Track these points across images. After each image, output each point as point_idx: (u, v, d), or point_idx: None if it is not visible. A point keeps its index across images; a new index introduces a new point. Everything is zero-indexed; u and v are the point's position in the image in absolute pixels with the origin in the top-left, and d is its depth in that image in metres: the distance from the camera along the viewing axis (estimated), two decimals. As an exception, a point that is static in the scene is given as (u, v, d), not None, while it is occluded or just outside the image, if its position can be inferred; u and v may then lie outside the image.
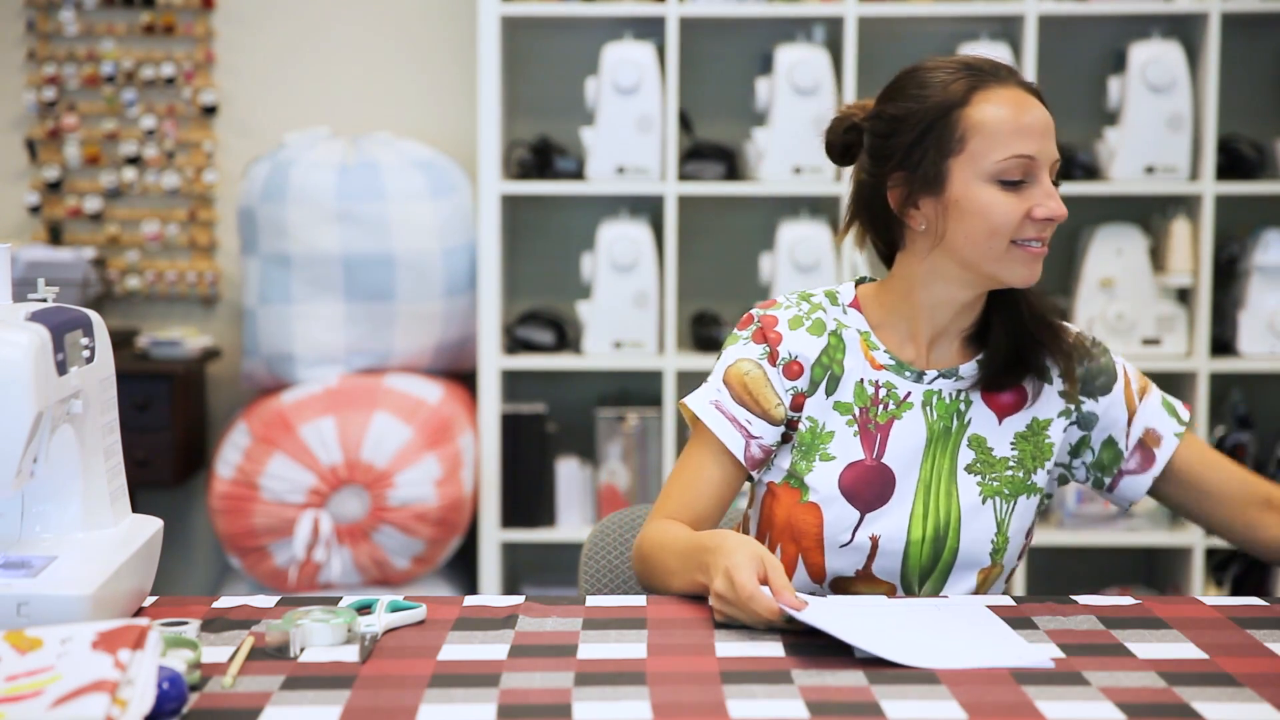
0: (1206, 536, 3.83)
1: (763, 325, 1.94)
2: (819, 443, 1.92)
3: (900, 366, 1.93)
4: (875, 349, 1.94)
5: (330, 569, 3.68)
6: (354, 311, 3.84)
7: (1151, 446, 2.00)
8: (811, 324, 1.94)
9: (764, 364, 1.92)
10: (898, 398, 1.93)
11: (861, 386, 1.93)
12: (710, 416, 1.92)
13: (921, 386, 1.93)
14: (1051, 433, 1.96)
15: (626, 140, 3.81)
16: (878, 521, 1.91)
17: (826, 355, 1.93)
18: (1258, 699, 1.46)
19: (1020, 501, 1.94)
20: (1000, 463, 1.94)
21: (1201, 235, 3.80)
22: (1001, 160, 1.83)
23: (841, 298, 1.98)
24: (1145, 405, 2.01)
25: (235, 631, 1.66)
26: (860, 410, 1.92)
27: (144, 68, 4.17)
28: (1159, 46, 3.78)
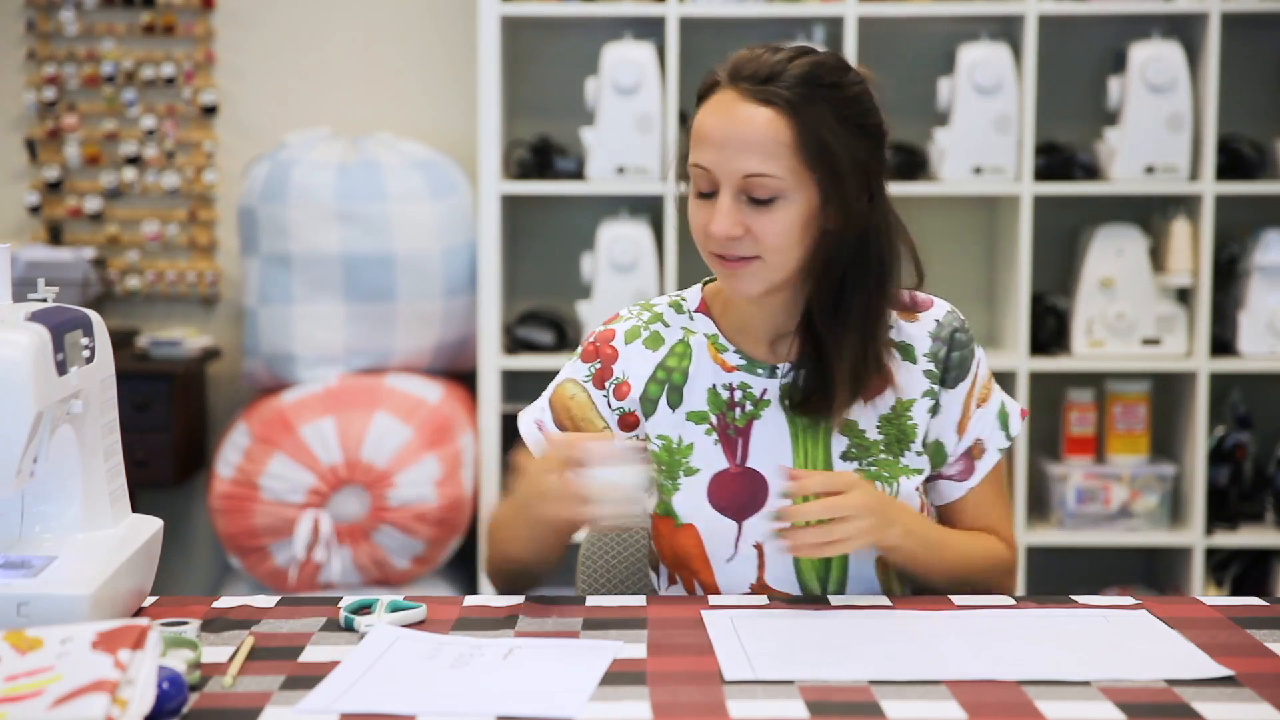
0: (1206, 536, 3.83)
1: (597, 341, 1.92)
2: (679, 458, 1.86)
3: (752, 365, 1.88)
4: (724, 351, 1.89)
5: (330, 569, 3.68)
6: (354, 311, 3.84)
7: (975, 458, 1.93)
8: (649, 336, 1.90)
9: (589, 386, 1.90)
10: (754, 397, 1.87)
11: (714, 392, 1.87)
12: (532, 438, 1.93)
13: (776, 381, 1.87)
14: (914, 413, 1.88)
15: (626, 140, 3.81)
16: (758, 527, 1.84)
17: (662, 370, 1.89)
18: (1258, 699, 1.46)
19: (901, 482, 1.86)
20: (874, 445, 1.86)
21: (1201, 235, 3.79)
22: (690, 165, 1.80)
23: (687, 304, 1.94)
24: (982, 412, 1.92)
25: (235, 631, 1.66)
26: (717, 417, 1.87)
27: (144, 68, 4.17)
28: (1159, 46, 3.78)
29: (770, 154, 1.76)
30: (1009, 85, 3.77)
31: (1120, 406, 3.91)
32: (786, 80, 1.77)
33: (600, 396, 1.90)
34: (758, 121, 1.76)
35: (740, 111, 1.76)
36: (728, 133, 1.76)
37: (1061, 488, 3.88)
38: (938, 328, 1.91)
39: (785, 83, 1.76)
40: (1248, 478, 3.92)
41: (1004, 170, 3.80)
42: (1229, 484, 3.90)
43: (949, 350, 1.90)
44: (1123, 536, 3.86)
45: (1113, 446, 3.91)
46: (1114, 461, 3.90)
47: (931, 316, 1.91)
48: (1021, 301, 3.81)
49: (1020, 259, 3.80)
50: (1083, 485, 3.87)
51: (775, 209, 1.77)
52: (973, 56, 3.79)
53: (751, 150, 1.76)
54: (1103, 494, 3.86)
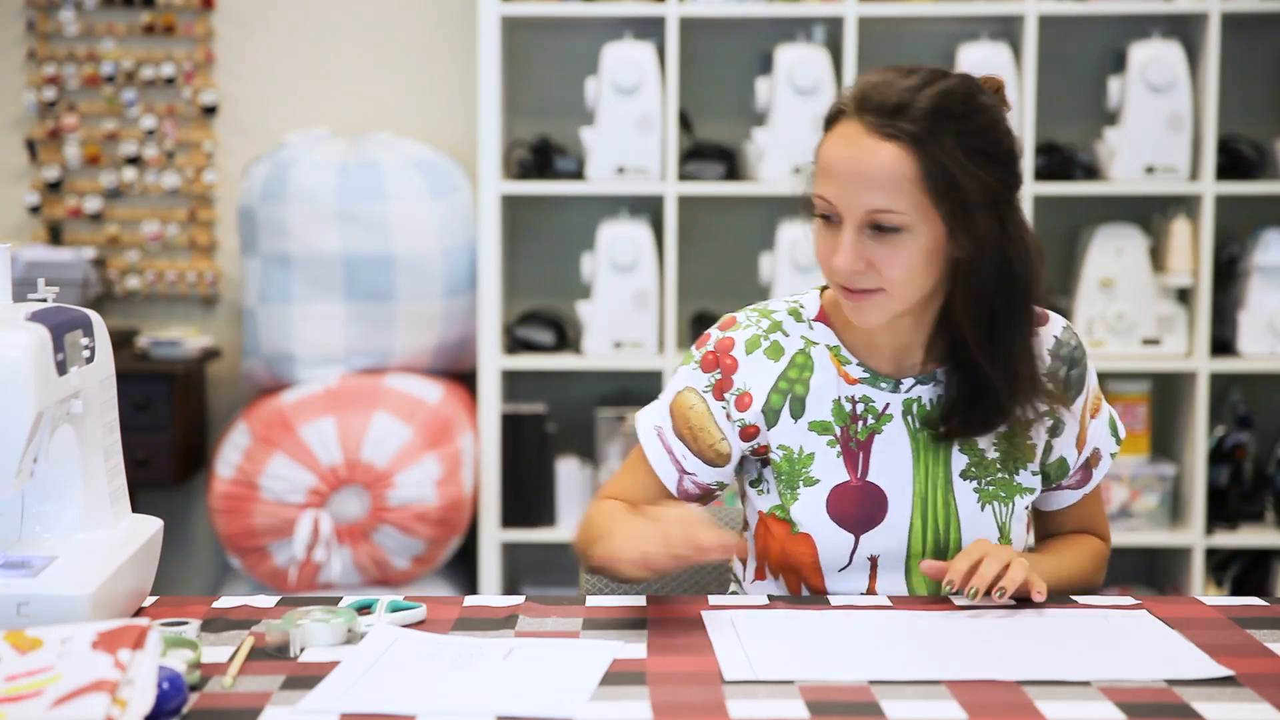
0: (1206, 536, 3.83)
1: (717, 350, 1.88)
2: (800, 468, 1.85)
3: (875, 378, 1.86)
4: (847, 363, 1.87)
5: (330, 569, 3.68)
6: (354, 311, 3.84)
7: (1092, 466, 1.96)
8: (769, 346, 1.87)
9: (708, 397, 1.86)
10: (876, 411, 1.85)
11: (839, 404, 1.86)
12: (650, 444, 1.89)
13: (900, 396, 1.86)
14: (1033, 434, 1.88)
15: (626, 140, 3.81)
16: (874, 540, 1.84)
17: (785, 380, 1.86)
18: (1258, 699, 1.46)
19: (1016, 500, 1.88)
20: (992, 464, 1.87)
21: (1201, 235, 3.80)
22: (813, 195, 1.79)
23: (806, 312, 1.90)
24: (1096, 423, 1.94)
25: (235, 631, 1.66)
26: (841, 429, 1.85)
27: (144, 68, 4.17)
28: (1159, 46, 3.78)
29: (895, 189, 1.73)
30: (1010, 85, 3.77)
31: (1120, 406, 3.90)
32: (913, 114, 1.73)
33: (719, 408, 1.87)
34: (882, 157, 1.73)
35: (864, 145, 1.74)
36: (852, 167, 1.74)
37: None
38: (1057, 345, 1.90)
39: (911, 116, 1.73)
40: (1248, 478, 3.92)
41: (1004, 170, 3.79)
42: (1229, 484, 3.90)
43: (1068, 369, 1.90)
44: (1123, 536, 3.86)
45: (1113, 446, 3.91)
46: (1114, 461, 3.89)
47: (1050, 333, 1.90)
48: (1021, 301, 3.81)
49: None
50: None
51: (899, 242, 1.75)
52: (973, 56, 3.79)
53: (876, 186, 1.73)
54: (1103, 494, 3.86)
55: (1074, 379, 1.90)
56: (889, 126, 1.73)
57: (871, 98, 1.75)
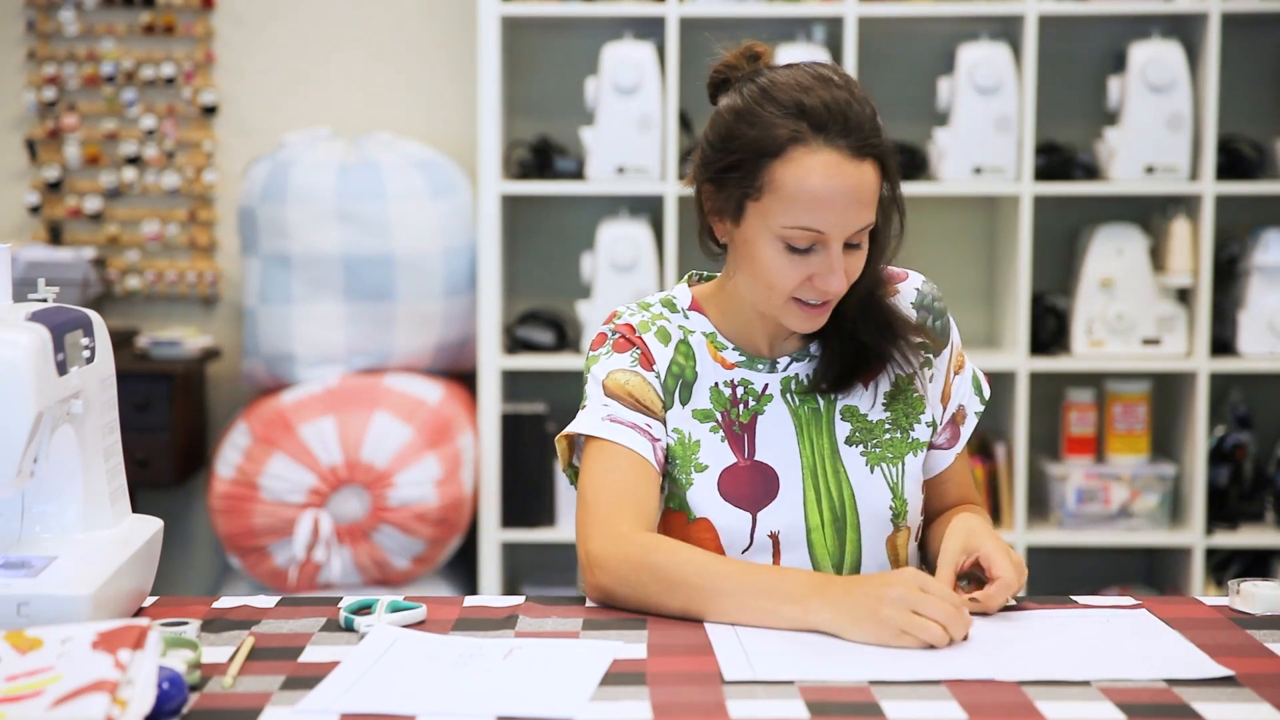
0: (1206, 536, 3.83)
1: (621, 334, 1.89)
2: (690, 454, 1.87)
3: (751, 360, 1.90)
4: (724, 349, 1.90)
5: (330, 569, 3.68)
6: (354, 311, 3.84)
7: (959, 423, 1.97)
8: (657, 330, 1.89)
9: (639, 369, 1.86)
10: (756, 393, 1.89)
11: (717, 389, 1.88)
12: (611, 431, 1.83)
13: (777, 375, 1.89)
14: (917, 384, 1.92)
15: (626, 140, 3.81)
16: (771, 517, 1.86)
17: (676, 364, 1.88)
18: (1258, 699, 1.46)
19: (908, 460, 1.90)
20: (878, 426, 1.89)
21: (1201, 235, 3.80)
22: (788, 227, 1.75)
23: (679, 302, 1.93)
24: (960, 379, 1.96)
25: (235, 631, 1.66)
26: (721, 414, 1.88)
27: (144, 68, 4.17)
28: (1159, 46, 3.78)
29: (874, 203, 1.78)
30: (1009, 85, 3.77)
31: (1120, 406, 3.91)
32: (875, 127, 1.77)
33: (652, 377, 1.87)
34: (866, 179, 1.76)
35: (849, 171, 1.75)
36: (844, 197, 1.75)
37: (1061, 488, 3.88)
38: (919, 297, 1.94)
39: (876, 130, 1.77)
40: (1248, 478, 3.92)
41: (1004, 170, 3.80)
42: (1229, 484, 3.90)
43: (932, 318, 1.94)
44: (1123, 536, 3.86)
45: (1113, 446, 3.91)
46: (1114, 461, 3.90)
47: (911, 286, 1.95)
48: (1021, 301, 3.81)
49: (1020, 259, 3.80)
50: (1083, 485, 3.87)
51: (861, 249, 1.80)
52: (973, 56, 3.79)
53: (864, 206, 1.76)
54: (1103, 494, 3.87)
55: (938, 329, 1.94)
56: (864, 147, 1.76)
57: (835, 122, 1.75)
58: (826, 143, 1.75)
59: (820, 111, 1.75)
